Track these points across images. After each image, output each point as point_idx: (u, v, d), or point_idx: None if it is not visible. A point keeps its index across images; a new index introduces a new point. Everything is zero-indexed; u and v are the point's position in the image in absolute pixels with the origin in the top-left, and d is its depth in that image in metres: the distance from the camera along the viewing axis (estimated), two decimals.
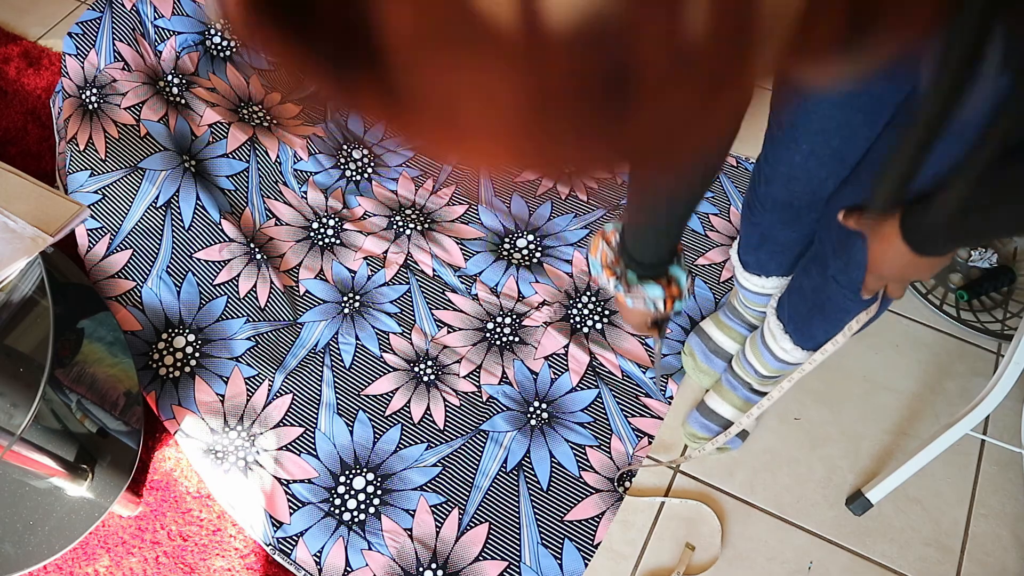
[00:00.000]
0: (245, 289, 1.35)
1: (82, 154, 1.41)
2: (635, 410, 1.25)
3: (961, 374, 1.31)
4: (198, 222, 1.38)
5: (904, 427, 1.25)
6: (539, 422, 1.24)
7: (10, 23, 1.71)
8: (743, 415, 1.18)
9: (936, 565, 1.13)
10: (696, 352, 1.27)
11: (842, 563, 1.13)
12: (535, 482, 1.18)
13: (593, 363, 1.29)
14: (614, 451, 1.21)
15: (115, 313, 1.28)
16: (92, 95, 1.49)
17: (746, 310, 1.20)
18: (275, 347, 1.30)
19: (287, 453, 1.20)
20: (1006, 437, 1.21)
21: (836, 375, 1.28)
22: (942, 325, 1.36)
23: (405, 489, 1.18)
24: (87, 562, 1.10)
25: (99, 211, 1.37)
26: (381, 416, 1.24)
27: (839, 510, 1.17)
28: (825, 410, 1.26)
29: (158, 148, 1.43)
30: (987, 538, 1.15)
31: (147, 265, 1.34)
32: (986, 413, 1.01)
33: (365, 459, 1.20)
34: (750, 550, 1.14)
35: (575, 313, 1.35)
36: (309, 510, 1.15)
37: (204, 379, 1.26)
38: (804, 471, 1.21)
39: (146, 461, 1.18)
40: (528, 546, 1.13)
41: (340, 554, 1.12)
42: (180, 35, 1.55)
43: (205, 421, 1.21)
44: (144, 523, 1.13)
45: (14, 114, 1.54)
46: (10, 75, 1.60)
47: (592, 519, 1.16)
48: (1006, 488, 1.20)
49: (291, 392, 1.25)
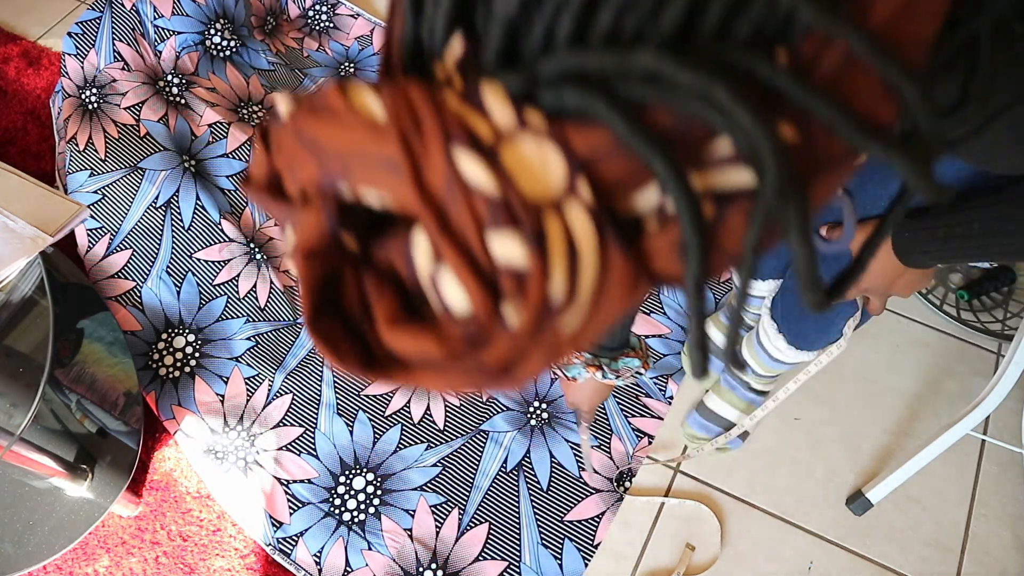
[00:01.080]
0: (245, 289, 1.34)
1: (82, 154, 1.41)
2: (635, 410, 1.25)
3: (961, 374, 1.31)
4: (198, 222, 1.38)
5: (904, 427, 1.25)
6: (539, 422, 1.24)
7: (10, 23, 1.71)
8: (743, 415, 1.18)
9: (936, 565, 1.13)
10: None
11: (842, 563, 1.13)
12: (535, 482, 1.18)
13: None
14: (614, 451, 1.21)
15: (115, 313, 1.28)
16: (92, 95, 1.49)
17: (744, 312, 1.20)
18: (275, 347, 1.30)
19: (287, 453, 1.20)
20: (1006, 437, 1.21)
21: (836, 375, 1.28)
22: (942, 325, 1.36)
23: (405, 489, 1.18)
24: (87, 562, 1.10)
25: (99, 211, 1.37)
26: (381, 416, 1.24)
27: (839, 510, 1.17)
28: (825, 410, 1.26)
29: (158, 148, 1.43)
30: (987, 538, 1.15)
31: (147, 265, 1.34)
32: (986, 413, 1.01)
33: (365, 459, 1.20)
34: (750, 550, 1.14)
35: None
36: (309, 510, 1.15)
37: (204, 379, 1.25)
38: (804, 471, 1.21)
39: (146, 461, 1.18)
40: (528, 546, 1.13)
41: (340, 554, 1.12)
42: (180, 35, 1.55)
43: (205, 421, 1.21)
44: (144, 523, 1.13)
45: (14, 114, 1.54)
46: (10, 75, 1.60)
47: (592, 519, 1.16)
48: (1006, 488, 1.20)
49: (291, 392, 1.25)
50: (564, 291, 0.22)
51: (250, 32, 1.64)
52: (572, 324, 0.24)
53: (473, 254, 0.22)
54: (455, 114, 0.22)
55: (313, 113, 0.24)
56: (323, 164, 0.24)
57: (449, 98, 0.22)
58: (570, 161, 0.22)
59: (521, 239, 0.22)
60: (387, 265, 0.25)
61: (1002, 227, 0.59)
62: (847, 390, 1.28)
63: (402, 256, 0.25)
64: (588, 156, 0.22)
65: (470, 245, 0.22)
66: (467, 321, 0.23)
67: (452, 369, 0.24)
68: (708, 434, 1.20)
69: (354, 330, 0.26)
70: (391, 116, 0.22)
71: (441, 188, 0.22)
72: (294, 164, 0.25)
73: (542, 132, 0.22)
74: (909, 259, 0.69)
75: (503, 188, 0.21)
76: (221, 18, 1.60)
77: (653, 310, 1.36)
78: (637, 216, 0.24)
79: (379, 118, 0.22)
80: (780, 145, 0.21)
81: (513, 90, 0.22)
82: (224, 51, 1.60)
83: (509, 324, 0.23)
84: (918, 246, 0.67)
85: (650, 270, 0.24)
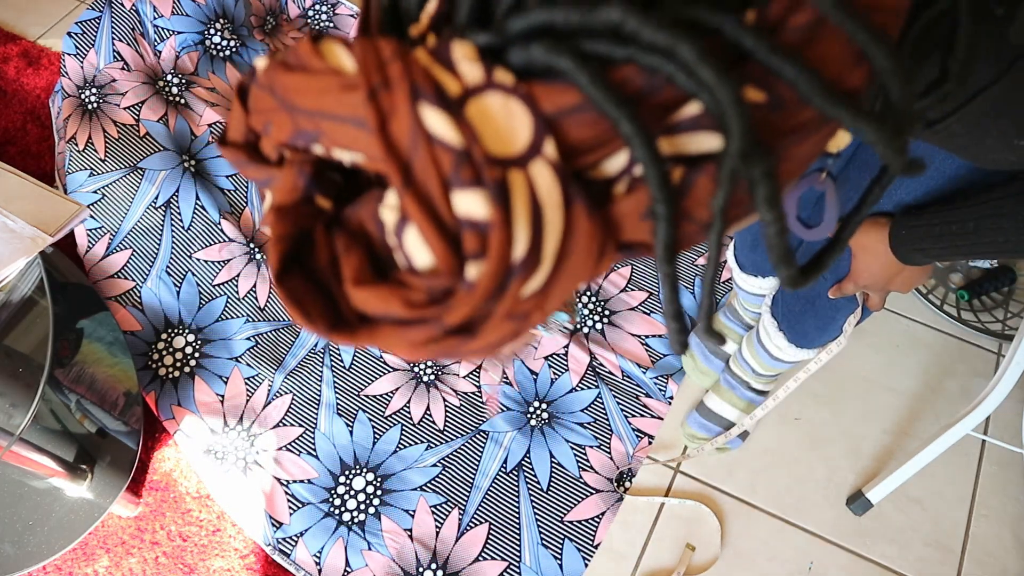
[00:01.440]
0: (245, 289, 1.34)
1: (81, 154, 1.41)
2: (635, 410, 1.25)
3: (962, 374, 1.31)
4: (198, 222, 1.38)
5: (905, 427, 1.25)
6: (539, 422, 1.24)
7: (9, 22, 1.71)
8: (743, 415, 1.18)
9: (936, 566, 1.13)
10: (696, 352, 1.27)
11: (842, 563, 1.13)
12: (535, 482, 1.18)
13: (593, 363, 1.29)
14: (614, 451, 1.21)
15: (114, 313, 1.28)
16: (91, 95, 1.49)
17: (744, 311, 1.20)
18: (275, 347, 1.30)
19: (287, 453, 1.19)
20: (1007, 437, 1.21)
21: (836, 375, 1.28)
22: (943, 325, 1.36)
23: (405, 489, 1.18)
24: (86, 562, 1.10)
25: (99, 211, 1.37)
26: (381, 416, 1.24)
27: (839, 510, 1.17)
28: (825, 410, 1.26)
29: (158, 148, 1.42)
30: (988, 538, 1.15)
31: (147, 265, 1.34)
32: (987, 413, 1.01)
33: (365, 459, 1.20)
34: (750, 550, 1.14)
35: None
36: (309, 510, 1.15)
37: (204, 379, 1.25)
38: (804, 471, 1.21)
39: (145, 461, 1.18)
40: (528, 546, 1.13)
41: (340, 554, 1.12)
42: (180, 35, 1.55)
43: (205, 421, 1.21)
44: (144, 523, 1.13)
45: (13, 114, 1.54)
46: (9, 75, 1.60)
47: (592, 519, 1.16)
48: (1007, 489, 1.20)
49: (291, 392, 1.25)
50: (527, 250, 0.22)
51: (250, 32, 1.64)
52: (536, 286, 0.24)
53: (436, 208, 0.22)
54: (423, 70, 0.22)
55: (286, 69, 0.24)
56: (296, 120, 0.24)
57: (419, 55, 0.22)
58: (537, 119, 0.22)
59: (484, 194, 0.22)
60: (358, 225, 0.26)
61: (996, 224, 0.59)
62: (847, 390, 1.28)
63: (372, 216, 0.25)
64: (555, 115, 0.22)
65: (433, 199, 0.22)
66: (430, 278, 0.24)
67: (415, 329, 0.24)
68: (708, 434, 1.20)
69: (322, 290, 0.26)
70: (360, 70, 0.22)
71: (406, 141, 0.22)
72: (269, 122, 0.26)
73: (509, 89, 0.22)
74: (906, 257, 0.69)
75: (467, 142, 0.22)
76: (221, 18, 1.60)
77: (653, 310, 1.36)
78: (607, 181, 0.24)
79: (349, 72, 0.23)
80: (745, 105, 0.21)
81: (483, 47, 0.22)
82: (224, 51, 1.60)
83: (471, 282, 0.23)
84: (914, 244, 0.67)
85: (618, 237, 0.24)
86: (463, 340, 0.25)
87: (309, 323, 0.26)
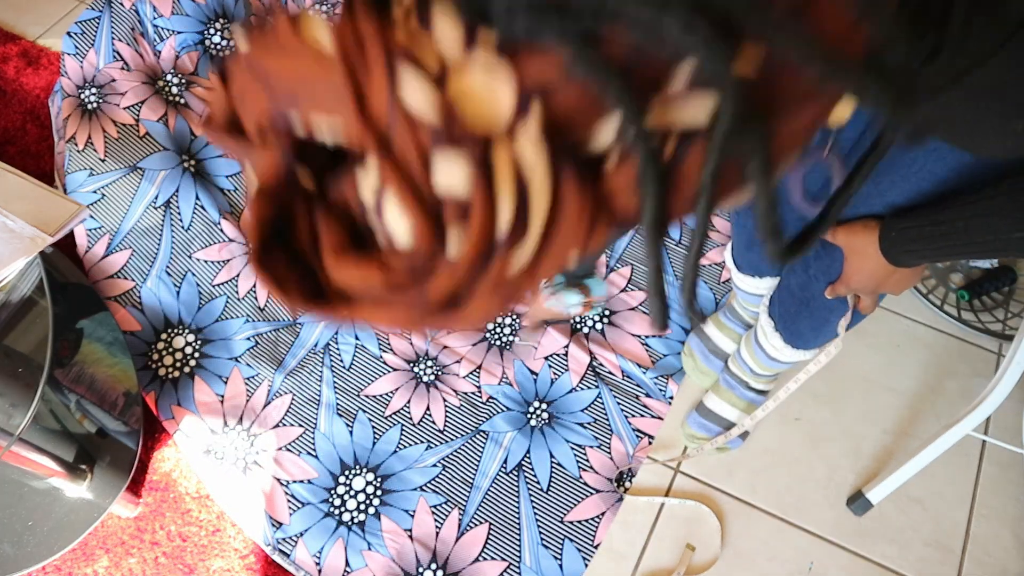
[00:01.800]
0: (244, 289, 1.34)
1: (81, 154, 1.40)
2: (635, 410, 1.25)
3: (962, 374, 1.31)
4: (197, 222, 1.38)
5: (905, 427, 1.25)
6: (539, 422, 1.24)
7: (9, 22, 1.71)
8: (743, 415, 1.18)
9: (937, 566, 1.13)
10: (696, 352, 1.27)
11: (842, 563, 1.13)
12: (535, 482, 1.18)
13: (593, 363, 1.29)
14: (614, 451, 1.21)
15: (114, 313, 1.28)
16: (91, 95, 1.49)
17: (744, 311, 1.20)
18: (274, 347, 1.30)
19: (287, 453, 1.19)
20: (1007, 438, 1.21)
21: (836, 375, 1.28)
22: (943, 325, 1.36)
23: (405, 489, 1.18)
24: (86, 563, 1.10)
25: (98, 211, 1.37)
26: (381, 416, 1.23)
27: (839, 510, 1.17)
28: (825, 410, 1.26)
29: (157, 148, 1.42)
30: (988, 539, 1.15)
31: (146, 265, 1.34)
32: (987, 413, 1.01)
33: (365, 459, 1.20)
34: (750, 550, 1.14)
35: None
36: (309, 510, 1.15)
37: (203, 379, 1.25)
38: (804, 471, 1.20)
39: (145, 461, 1.18)
40: (528, 546, 1.13)
41: (340, 554, 1.12)
42: (179, 35, 1.55)
43: (204, 421, 1.21)
44: (143, 524, 1.13)
45: (13, 114, 1.53)
46: (9, 75, 1.60)
47: (592, 519, 1.15)
48: (1007, 489, 1.20)
49: (291, 392, 1.25)
50: (511, 223, 0.22)
51: None
52: (523, 260, 0.23)
53: (415, 181, 0.22)
54: (401, 43, 0.22)
55: (265, 46, 0.24)
56: (274, 97, 0.24)
57: (398, 28, 0.22)
58: (521, 88, 0.21)
59: (463, 166, 0.21)
60: (339, 201, 0.26)
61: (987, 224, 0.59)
62: (847, 390, 1.28)
63: (353, 191, 0.25)
64: (541, 84, 0.21)
65: (412, 172, 0.22)
66: (410, 251, 0.23)
67: (396, 303, 0.24)
68: (708, 434, 1.20)
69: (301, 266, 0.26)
70: (337, 45, 0.22)
71: (384, 115, 0.22)
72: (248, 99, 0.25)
73: (492, 58, 0.21)
74: (897, 259, 0.69)
75: (445, 115, 0.21)
76: (221, 17, 1.60)
77: None
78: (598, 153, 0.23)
79: (327, 48, 0.22)
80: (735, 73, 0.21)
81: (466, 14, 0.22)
82: (224, 51, 1.60)
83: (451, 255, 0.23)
84: (905, 245, 0.67)
85: (611, 209, 0.24)
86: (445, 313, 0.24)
87: (287, 298, 0.26)
